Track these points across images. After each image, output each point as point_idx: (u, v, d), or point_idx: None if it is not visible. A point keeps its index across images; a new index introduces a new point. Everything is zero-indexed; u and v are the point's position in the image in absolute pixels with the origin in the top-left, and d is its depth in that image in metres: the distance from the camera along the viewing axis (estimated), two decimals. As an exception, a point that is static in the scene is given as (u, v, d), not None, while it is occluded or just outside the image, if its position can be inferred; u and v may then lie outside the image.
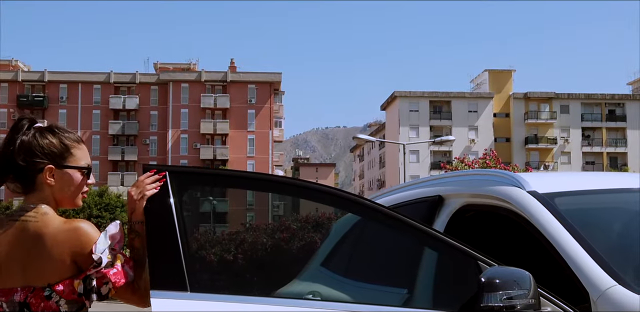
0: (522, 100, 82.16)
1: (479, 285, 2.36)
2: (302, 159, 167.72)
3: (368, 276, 3.69)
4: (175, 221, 2.46)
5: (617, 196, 3.23)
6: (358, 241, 3.90)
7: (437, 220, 3.44)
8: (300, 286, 3.83)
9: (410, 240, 2.82)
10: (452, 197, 3.47)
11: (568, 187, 3.20)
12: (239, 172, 2.62)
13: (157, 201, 2.50)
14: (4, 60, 79.45)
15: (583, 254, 2.63)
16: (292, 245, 3.91)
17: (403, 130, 79.93)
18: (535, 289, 2.41)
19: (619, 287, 2.49)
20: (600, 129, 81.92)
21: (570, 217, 2.86)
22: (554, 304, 2.51)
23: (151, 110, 75.91)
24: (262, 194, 2.94)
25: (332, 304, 2.60)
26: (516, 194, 3.05)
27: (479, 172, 3.50)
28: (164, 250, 2.44)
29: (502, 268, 2.45)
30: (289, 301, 2.52)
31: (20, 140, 2.66)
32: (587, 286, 2.55)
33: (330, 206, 2.83)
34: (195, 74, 76.01)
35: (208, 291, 2.48)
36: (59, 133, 2.71)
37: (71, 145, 2.70)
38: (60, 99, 74.87)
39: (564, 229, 2.76)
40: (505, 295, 2.34)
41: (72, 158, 2.69)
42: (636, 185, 3.32)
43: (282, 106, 79.82)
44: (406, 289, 3.18)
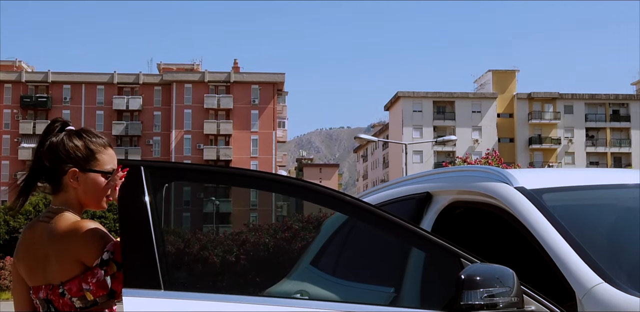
0: (526, 101, 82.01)
1: (459, 282, 2.28)
2: (305, 159, 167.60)
3: (356, 274, 3.64)
4: (149, 218, 2.40)
5: (606, 192, 3.16)
6: (346, 239, 3.85)
7: (425, 217, 3.38)
8: (289, 285, 3.78)
9: (393, 238, 2.75)
10: (441, 194, 3.40)
11: (556, 183, 3.13)
12: (218, 168, 2.56)
13: (132, 198, 2.44)
14: (8, 61, 79.51)
15: (569, 251, 2.56)
16: (275, 244, 3.86)
17: (406, 130, 79.84)
18: (518, 286, 2.34)
19: (605, 285, 2.42)
20: (604, 129, 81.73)
21: (558, 213, 2.79)
22: (538, 302, 2.44)
23: (154, 110, 75.93)
24: (242, 190, 2.89)
25: (315, 303, 2.52)
26: (503, 190, 2.98)
27: (467, 168, 3.43)
28: (137, 248, 2.37)
29: (483, 265, 2.38)
30: (270, 300, 2.46)
31: (50, 142, 2.75)
32: (572, 283, 2.48)
33: (312, 202, 2.76)
34: (199, 75, 76.01)
35: (183, 290, 2.43)
36: (86, 137, 2.78)
37: (97, 149, 2.76)
38: (63, 100, 74.90)
39: (551, 225, 2.69)
40: (486, 293, 2.27)
41: (96, 162, 2.74)
42: (626, 181, 3.25)
43: (285, 107, 79.78)
44: (393, 288, 3.13)
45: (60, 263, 2.58)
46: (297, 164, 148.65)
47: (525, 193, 2.90)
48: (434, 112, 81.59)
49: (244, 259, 3.26)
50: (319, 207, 3.40)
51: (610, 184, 3.21)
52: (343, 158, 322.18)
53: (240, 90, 75.13)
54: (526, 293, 2.44)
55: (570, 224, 2.73)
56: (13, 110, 74.23)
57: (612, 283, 2.42)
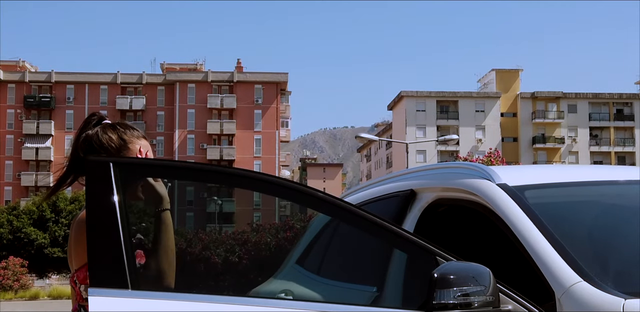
0: (530, 100, 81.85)
1: (431, 281, 2.21)
2: (309, 159, 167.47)
3: (339, 274, 3.59)
4: (117, 215, 2.33)
5: (590, 189, 3.09)
6: (331, 238, 3.80)
7: (408, 215, 3.32)
8: (275, 284, 3.74)
9: (368, 235, 2.69)
10: (424, 191, 3.34)
11: (540, 179, 3.06)
12: (190, 164, 2.49)
13: (100, 195, 2.38)
14: (11, 61, 79.61)
15: (548, 249, 2.49)
16: (249, 243, 3.83)
17: (410, 130, 79.75)
18: (494, 285, 2.27)
19: (584, 284, 2.35)
20: (608, 128, 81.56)
21: (540, 210, 2.72)
22: (516, 301, 2.37)
23: (158, 110, 75.95)
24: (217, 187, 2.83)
25: (286, 302, 2.45)
26: (485, 187, 2.91)
27: (451, 164, 3.36)
28: (103, 246, 2.31)
29: (458, 263, 2.31)
30: (244, 300, 2.38)
31: (85, 134, 2.82)
32: (551, 282, 2.41)
33: (286, 200, 2.70)
34: (202, 75, 76.01)
35: (152, 289, 2.37)
36: (119, 129, 2.84)
37: (129, 140, 2.81)
38: (67, 100, 74.96)
39: (531, 222, 2.62)
40: (460, 292, 2.20)
41: (129, 152, 2.80)
42: (612, 177, 3.18)
43: (288, 106, 79.75)
44: (375, 287, 3.08)
45: (76, 250, 2.63)
46: (300, 164, 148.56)
47: (507, 190, 2.83)
48: (437, 112, 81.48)
49: (221, 258, 3.20)
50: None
51: (595, 180, 3.14)
52: (347, 158, 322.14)
53: (243, 90, 75.12)
54: (503, 292, 2.37)
55: (551, 221, 2.66)
56: (17, 110, 74.29)
57: (591, 282, 2.35)
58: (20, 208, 46.10)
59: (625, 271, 2.56)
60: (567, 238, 2.58)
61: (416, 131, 79.52)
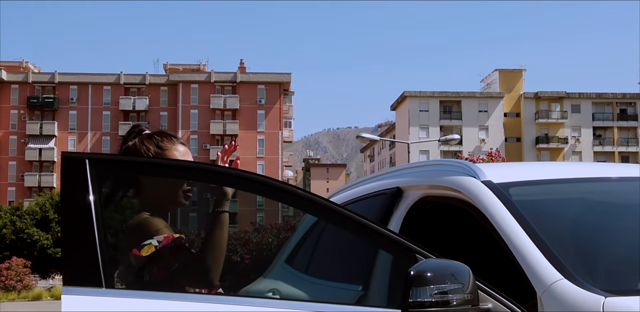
0: (533, 100, 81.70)
1: (407, 279, 2.17)
2: (312, 159, 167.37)
3: (326, 272, 3.56)
4: (92, 213, 2.30)
5: (576, 186, 3.04)
6: (319, 237, 3.78)
7: (395, 213, 3.28)
8: (264, 283, 3.71)
9: (346, 232, 2.65)
10: (411, 188, 3.30)
11: (526, 176, 3.03)
12: (169, 161, 2.47)
13: (74, 192, 2.35)
14: (15, 62, 79.68)
15: (530, 247, 2.45)
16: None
17: (413, 130, 79.64)
18: (473, 283, 2.23)
19: (564, 282, 2.31)
20: (612, 128, 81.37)
21: (524, 207, 2.68)
22: (496, 299, 2.33)
23: (161, 111, 75.96)
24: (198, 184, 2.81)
25: (263, 301, 2.40)
26: (470, 184, 2.87)
27: (438, 162, 3.33)
28: (77, 243, 2.28)
29: (436, 261, 2.27)
30: (222, 299, 2.35)
31: (125, 146, 2.89)
32: (532, 280, 2.37)
33: (266, 197, 2.66)
34: (205, 75, 76.01)
35: (127, 288, 2.34)
36: (156, 138, 2.88)
37: (166, 147, 2.85)
38: (70, 101, 74.99)
39: (514, 220, 2.58)
40: (437, 289, 2.16)
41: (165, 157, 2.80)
42: (596, 174, 3.15)
43: (291, 107, 79.72)
44: (361, 286, 3.05)
45: None
46: (304, 164, 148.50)
47: (492, 187, 2.79)
48: (440, 112, 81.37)
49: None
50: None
51: (583, 177, 3.10)
52: (351, 158, 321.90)
53: (246, 91, 75.10)
54: (483, 290, 2.33)
55: (535, 218, 2.63)
56: (20, 111, 74.35)
57: (572, 280, 2.31)
58: (23, 209, 46.13)
59: (608, 269, 2.53)
60: (550, 235, 2.54)
61: (419, 131, 79.40)
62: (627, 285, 2.42)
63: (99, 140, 74.61)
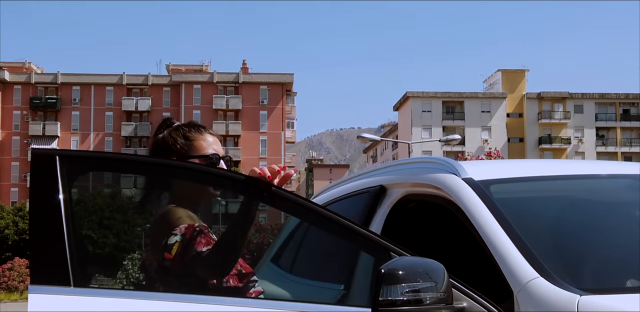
0: (536, 100, 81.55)
1: (378, 277, 2.11)
2: (315, 160, 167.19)
3: (310, 272, 3.53)
4: (62, 210, 2.26)
5: (558, 183, 2.99)
6: (304, 235, 3.74)
7: (378, 211, 3.24)
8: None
9: (320, 230, 2.61)
10: (394, 186, 3.26)
11: (507, 174, 2.98)
12: (142, 157, 2.42)
13: (44, 188, 2.30)
14: (17, 63, 79.74)
15: (508, 244, 2.40)
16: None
17: (416, 130, 79.54)
18: (447, 282, 2.17)
19: (540, 280, 2.26)
20: (615, 128, 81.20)
21: (505, 205, 2.64)
22: (471, 298, 2.28)
23: (163, 111, 75.91)
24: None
25: (229, 299, 2.36)
26: (450, 181, 2.83)
27: (421, 159, 3.28)
28: (45, 241, 2.23)
29: (408, 258, 2.21)
30: (192, 297, 2.30)
31: (155, 139, 2.90)
32: (508, 278, 2.32)
33: (231, 191, 2.62)
34: (208, 75, 76.00)
35: (97, 287, 2.30)
36: (183, 128, 2.87)
37: (193, 137, 2.83)
38: (73, 101, 75.03)
39: (492, 217, 2.53)
40: (408, 288, 2.10)
41: (194, 149, 2.81)
42: (580, 172, 3.10)
43: (294, 107, 79.68)
44: (343, 285, 3.02)
45: None
46: (307, 165, 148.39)
47: (472, 184, 2.75)
48: (443, 112, 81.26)
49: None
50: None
51: (565, 174, 3.05)
52: (354, 159, 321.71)
53: (249, 91, 75.07)
54: (458, 289, 2.28)
55: (515, 216, 2.58)
56: (23, 112, 74.40)
57: (548, 278, 2.26)
58: (26, 209, 46.12)
59: (587, 267, 2.49)
60: (529, 233, 2.49)
61: (422, 132, 79.29)
62: (605, 283, 2.38)
63: (101, 141, 74.66)
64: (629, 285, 2.40)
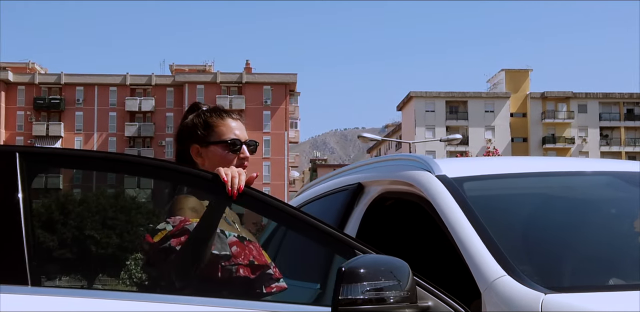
0: (539, 100, 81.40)
1: (339, 275, 2.06)
2: (319, 160, 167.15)
3: (289, 271, 3.49)
4: (20, 208, 2.21)
5: (535, 180, 2.94)
6: (284, 235, 3.71)
7: (355, 209, 3.20)
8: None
9: (285, 227, 2.56)
10: (371, 184, 3.22)
11: (482, 171, 2.93)
12: (103, 153, 2.37)
13: (2, 185, 2.26)
14: (21, 63, 79.84)
15: (477, 242, 2.35)
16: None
17: (419, 130, 79.47)
18: (411, 280, 2.12)
19: (506, 278, 2.21)
20: (619, 128, 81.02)
21: (477, 202, 2.59)
22: (437, 297, 2.23)
23: (167, 112, 75.96)
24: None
25: (183, 298, 2.30)
26: (423, 179, 2.78)
27: (397, 157, 3.24)
28: (3, 239, 2.19)
29: (371, 256, 2.16)
30: (150, 296, 2.25)
31: (180, 126, 2.90)
32: (476, 276, 2.28)
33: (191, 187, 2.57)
34: (211, 76, 76.00)
35: (55, 286, 2.26)
36: (205, 114, 2.82)
37: (214, 122, 2.79)
38: (76, 102, 75.08)
39: (463, 215, 2.49)
40: (369, 286, 2.05)
41: (214, 135, 2.76)
42: (557, 169, 3.05)
43: (297, 107, 79.68)
44: (319, 284, 2.99)
45: None
46: (311, 165, 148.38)
47: (445, 181, 2.70)
48: (446, 112, 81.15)
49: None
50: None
51: (543, 171, 3.00)
52: (358, 159, 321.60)
53: (252, 91, 75.04)
54: (423, 287, 2.23)
55: (486, 213, 2.53)
56: (26, 112, 74.48)
57: (515, 276, 2.21)
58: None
59: (557, 265, 2.44)
60: (500, 231, 2.45)
61: (425, 132, 79.21)
62: (576, 281, 2.34)
63: (105, 141, 74.71)
64: (612, 283, 2.36)
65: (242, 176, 2.39)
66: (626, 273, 2.42)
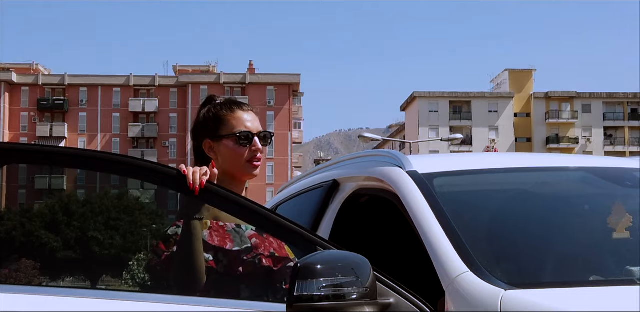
0: (543, 100, 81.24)
1: (294, 271, 2.01)
2: (323, 160, 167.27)
3: None
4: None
5: (506, 176, 2.90)
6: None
7: (330, 206, 3.16)
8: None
9: (257, 226, 2.50)
10: (346, 181, 3.18)
11: (455, 167, 2.89)
12: (62, 149, 2.34)
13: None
14: (25, 64, 79.94)
15: (442, 239, 2.31)
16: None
17: (423, 131, 79.36)
18: (371, 277, 2.08)
19: (469, 275, 2.17)
20: (623, 128, 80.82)
21: (447, 198, 2.55)
22: (399, 294, 2.19)
23: (170, 112, 76.00)
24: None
25: (139, 295, 2.26)
26: (394, 174, 2.74)
27: (371, 153, 3.20)
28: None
29: (329, 252, 2.11)
30: (100, 293, 2.21)
31: (195, 120, 2.81)
32: (439, 273, 2.24)
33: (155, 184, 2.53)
34: (214, 76, 76.00)
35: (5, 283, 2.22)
36: (215, 107, 2.74)
37: (224, 115, 2.71)
38: (80, 103, 75.14)
39: (430, 210, 2.45)
40: (325, 283, 2.00)
41: (224, 128, 2.69)
42: (531, 164, 3.00)
43: (301, 108, 79.64)
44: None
45: None
46: (315, 165, 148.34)
47: (415, 177, 2.66)
48: (450, 112, 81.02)
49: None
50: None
51: (516, 167, 2.95)
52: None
53: (255, 92, 75.02)
54: (385, 284, 2.18)
55: (455, 209, 2.50)
56: (30, 113, 74.56)
57: (477, 272, 2.17)
58: (33, 211, 46.28)
59: (521, 261, 2.40)
60: (467, 227, 2.41)
61: (429, 132, 79.09)
62: (539, 277, 2.30)
63: (109, 142, 74.76)
64: (579, 279, 2.32)
65: (204, 171, 2.35)
66: (595, 269, 2.38)
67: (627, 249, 2.49)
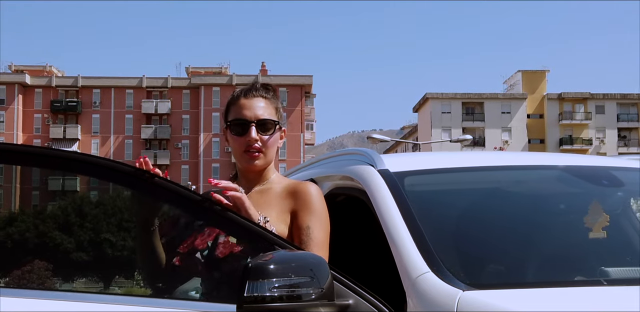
0: (557, 101, 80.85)
1: (244, 271, 1.95)
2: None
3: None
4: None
5: (479, 175, 2.83)
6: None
7: None
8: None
9: (212, 224, 2.45)
10: (323, 180, 3.13)
11: (428, 165, 2.83)
12: (48, 150, 2.30)
13: None
14: (38, 66, 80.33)
15: (406, 238, 2.25)
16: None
17: (435, 132, 79.15)
18: (328, 277, 2.01)
19: (429, 275, 2.11)
20: (637, 129, 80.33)
21: (416, 197, 2.50)
22: (359, 295, 2.12)
23: (183, 114, 76.14)
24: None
25: (100, 296, 2.22)
26: (365, 173, 2.69)
27: (347, 151, 3.15)
28: None
29: (283, 252, 2.04)
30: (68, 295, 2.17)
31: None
32: (401, 273, 2.18)
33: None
34: (227, 78, 76.09)
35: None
36: (232, 96, 2.69)
37: (229, 103, 2.66)
38: (93, 104, 75.42)
39: (397, 209, 2.39)
40: (279, 283, 1.94)
41: (229, 116, 2.65)
42: (505, 163, 2.94)
43: (313, 109, 79.65)
44: None
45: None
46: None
47: (385, 175, 2.60)
48: (463, 114, 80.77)
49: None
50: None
51: (488, 166, 2.88)
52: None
53: (267, 93, 75.11)
54: (344, 285, 2.12)
55: (423, 208, 2.44)
56: (44, 115, 74.89)
57: (438, 273, 2.11)
58: (46, 212, 46.46)
59: (486, 262, 2.34)
60: (433, 227, 2.35)
61: (442, 133, 78.84)
62: (502, 278, 2.24)
63: (121, 144, 75.01)
64: (546, 279, 2.26)
65: (149, 166, 2.31)
66: (563, 269, 2.32)
67: (601, 249, 2.43)
